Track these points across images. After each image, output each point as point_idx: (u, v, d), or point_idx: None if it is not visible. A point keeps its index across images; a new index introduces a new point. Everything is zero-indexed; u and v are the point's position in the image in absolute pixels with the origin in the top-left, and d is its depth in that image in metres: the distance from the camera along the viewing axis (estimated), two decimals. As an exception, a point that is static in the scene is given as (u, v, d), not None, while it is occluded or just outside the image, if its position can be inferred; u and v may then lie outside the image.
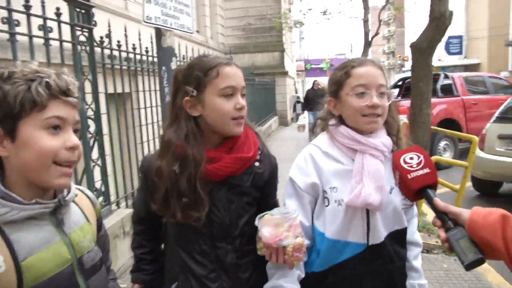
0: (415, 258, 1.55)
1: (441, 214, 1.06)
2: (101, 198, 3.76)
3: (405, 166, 1.14)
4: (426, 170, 1.12)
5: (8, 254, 0.90)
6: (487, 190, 6.35)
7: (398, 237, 1.47)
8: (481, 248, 0.96)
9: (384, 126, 1.46)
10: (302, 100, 17.82)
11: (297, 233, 1.26)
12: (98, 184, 3.77)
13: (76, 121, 0.99)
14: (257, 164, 1.38)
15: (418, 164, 1.14)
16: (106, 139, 3.91)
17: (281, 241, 1.22)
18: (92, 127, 3.63)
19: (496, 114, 6.27)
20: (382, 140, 1.41)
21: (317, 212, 1.46)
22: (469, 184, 4.30)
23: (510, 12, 29.87)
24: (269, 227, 1.24)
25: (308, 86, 13.10)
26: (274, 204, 1.49)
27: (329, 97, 1.49)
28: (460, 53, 34.50)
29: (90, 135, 3.59)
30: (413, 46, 4.40)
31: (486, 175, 5.95)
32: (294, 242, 1.23)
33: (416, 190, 1.11)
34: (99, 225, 1.21)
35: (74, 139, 0.96)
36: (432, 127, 4.80)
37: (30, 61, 0.99)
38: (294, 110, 18.03)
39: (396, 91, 10.43)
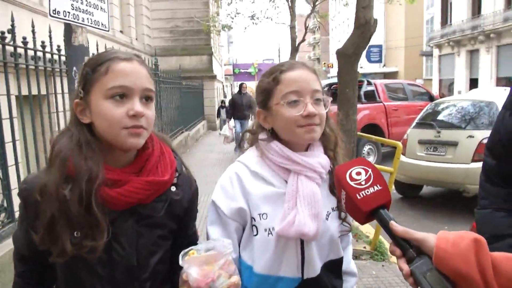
0: None
1: (400, 241, 0.87)
2: (3, 215, 3.31)
3: (352, 184, 0.93)
4: (377, 187, 0.92)
5: None
6: (409, 192, 6.67)
7: (334, 268, 1.31)
8: (452, 280, 0.80)
9: (321, 140, 1.29)
10: (227, 104, 17.21)
11: (231, 270, 1.03)
12: (-1, 199, 3.32)
13: None
14: (173, 189, 1.13)
15: (367, 180, 0.93)
16: (10, 147, 3.45)
17: (213, 282, 0.99)
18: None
19: (416, 120, 6.60)
20: (320, 160, 1.23)
21: (244, 241, 1.26)
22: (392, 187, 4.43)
23: (423, 24, 32.39)
24: (197, 267, 1.00)
25: (236, 90, 12.08)
26: (193, 235, 1.26)
27: (258, 108, 1.29)
28: (380, 61, 36.77)
29: (-13, 144, 3.14)
30: (339, 52, 4.43)
31: (408, 178, 6.22)
32: (228, 282, 1.01)
33: (367, 213, 0.92)
34: None
35: None
36: (358, 133, 4.88)
37: None
38: (218, 115, 16.95)
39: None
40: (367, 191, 0.92)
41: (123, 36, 13.55)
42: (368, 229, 4.86)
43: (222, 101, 17.50)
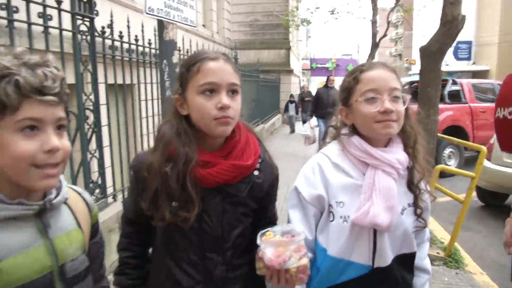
0: (422, 285, 1.43)
1: None
2: (97, 191, 3.69)
3: None
4: None
5: None
6: (492, 201, 6.23)
7: (406, 262, 1.36)
8: None
9: (401, 137, 1.35)
10: (296, 99, 16.05)
11: (301, 254, 1.15)
12: (95, 176, 3.70)
13: (57, 119, 0.89)
14: (256, 173, 1.28)
15: None
16: (105, 130, 3.83)
17: (285, 262, 1.12)
18: (91, 119, 3.55)
19: (505, 124, 6.12)
20: (398, 156, 1.30)
21: (321, 226, 1.36)
22: (473, 194, 4.19)
23: (521, 19, 29.58)
24: (272, 248, 1.14)
25: (314, 85, 11.19)
26: (272, 216, 1.39)
27: (340, 105, 1.39)
28: (468, 59, 34.23)
29: (88, 127, 3.51)
30: (422, 49, 4.28)
31: (493, 186, 5.82)
32: (298, 264, 1.13)
33: None
34: (95, 231, 1.13)
35: (52, 142, 0.87)
36: (438, 134, 4.69)
37: (9, 47, 0.89)
38: (286, 110, 15.64)
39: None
40: None
41: (205, 30, 14.09)
42: (443, 234, 4.68)
43: (291, 95, 16.20)
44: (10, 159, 0.84)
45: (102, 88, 3.77)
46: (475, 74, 30.54)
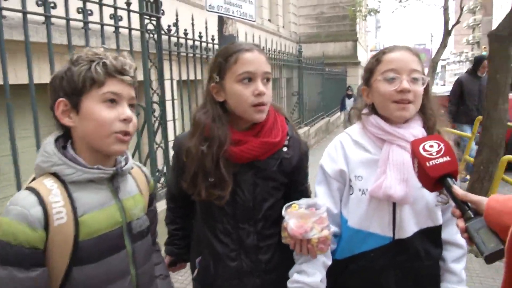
0: (455, 260, 1.43)
1: (460, 204, 1.01)
2: (162, 179, 3.95)
3: (424, 153, 1.09)
4: (446, 158, 1.07)
5: (70, 209, 1.03)
6: None
7: (430, 235, 1.39)
8: (501, 238, 0.88)
9: (421, 118, 1.38)
10: (355, 91, 12.64)
11: (323, 226, 1.24)
12: (160, 166, 3.97)
13: (131, 97, 1.10)
14: (285, 149, 1.38)
15: (438, 152, 1.08)
16: (171, 124, 4.09)
17: (306, 233, 1.22)
18: (158, 112, 3.81)
19: None
20: (413, 131, 1.33)
21: (344, 200, 1.44)
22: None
23: None
24: (295, 219, 1.24)
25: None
26: (304, 190, 1.48)
27: (363, 85, 1.45)
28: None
29: (154, 119, 3.77)
30: (491, 34, 4.05)
31: None
32: (319, 235, 1.23)
33: (435, 178, 1.05)
34: (151, 200, 1.31)
35: (127, 112, 1.08)
36: (509, 124, 4.41)
37: (97, 47, 1.11)
38: (342, 108, 12.96)
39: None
40: (437, 161, 1.07)
41: (270, 24, 14.22)
42: None
43: (348, 88, 13.04)
44: (94, 124, 1.04)
45: (169, 85, 4.03)
46: None
